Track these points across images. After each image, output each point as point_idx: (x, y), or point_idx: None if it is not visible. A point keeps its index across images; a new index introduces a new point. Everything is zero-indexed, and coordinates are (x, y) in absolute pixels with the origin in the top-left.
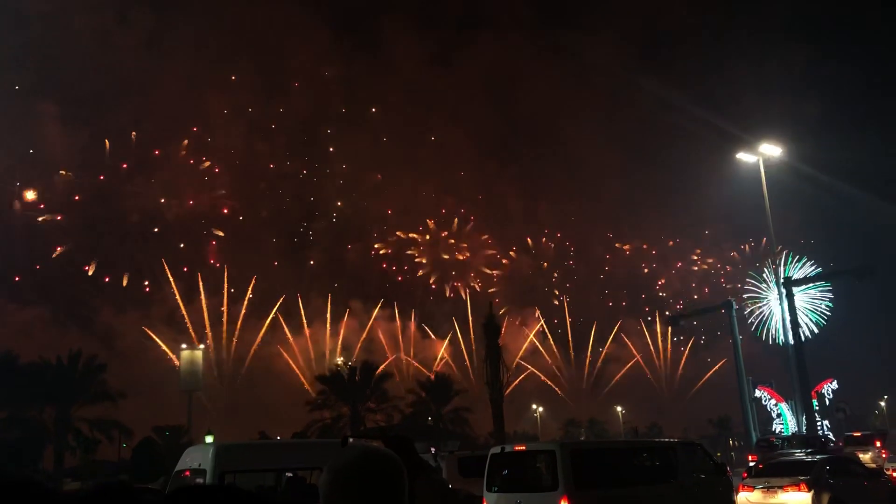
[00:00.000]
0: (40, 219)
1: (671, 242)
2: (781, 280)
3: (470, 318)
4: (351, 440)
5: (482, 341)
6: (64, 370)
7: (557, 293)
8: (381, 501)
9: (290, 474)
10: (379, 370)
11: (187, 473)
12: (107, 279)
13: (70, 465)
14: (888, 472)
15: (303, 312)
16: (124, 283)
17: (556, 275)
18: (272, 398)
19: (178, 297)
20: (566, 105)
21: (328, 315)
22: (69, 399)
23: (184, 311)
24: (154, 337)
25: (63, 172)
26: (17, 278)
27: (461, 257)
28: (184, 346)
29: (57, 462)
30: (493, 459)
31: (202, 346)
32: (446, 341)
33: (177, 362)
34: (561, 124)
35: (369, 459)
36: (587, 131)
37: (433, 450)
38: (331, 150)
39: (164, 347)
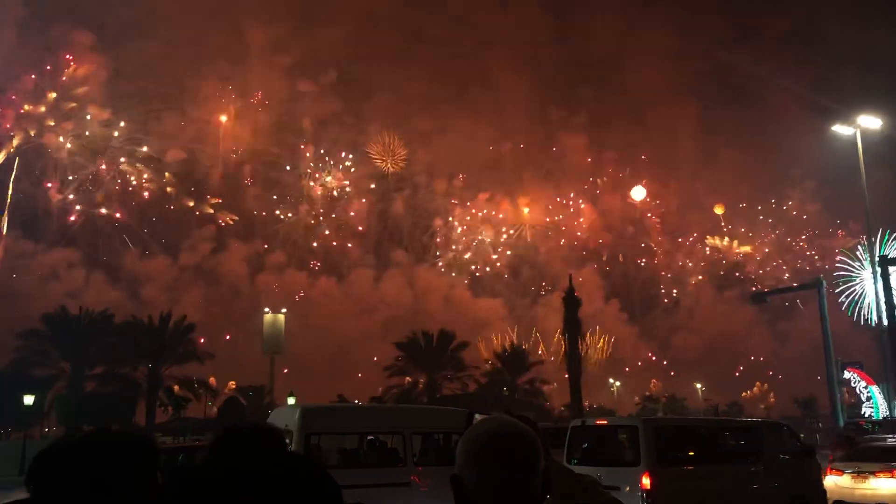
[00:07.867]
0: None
1: (759, 207)
2: (877, 258)
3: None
4: (477, 416)
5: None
6: (154, 330)
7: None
8: (516, 473)
9: (371, 438)
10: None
11: None
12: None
13: (160, 421)
14: None
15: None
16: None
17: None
18: (345, 360)
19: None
20: (633, 40)
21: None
22: (160, 358)
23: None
24: None
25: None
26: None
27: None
28: (266, 309)
29: (149, 417)
30: (574, 432)
31: (284, 310)
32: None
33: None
34: (628, 65)
35: (509, 430)
36: (657, 73)
37: None
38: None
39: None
